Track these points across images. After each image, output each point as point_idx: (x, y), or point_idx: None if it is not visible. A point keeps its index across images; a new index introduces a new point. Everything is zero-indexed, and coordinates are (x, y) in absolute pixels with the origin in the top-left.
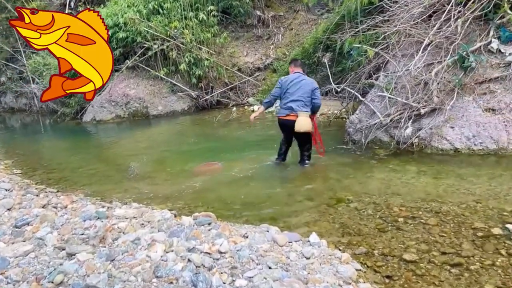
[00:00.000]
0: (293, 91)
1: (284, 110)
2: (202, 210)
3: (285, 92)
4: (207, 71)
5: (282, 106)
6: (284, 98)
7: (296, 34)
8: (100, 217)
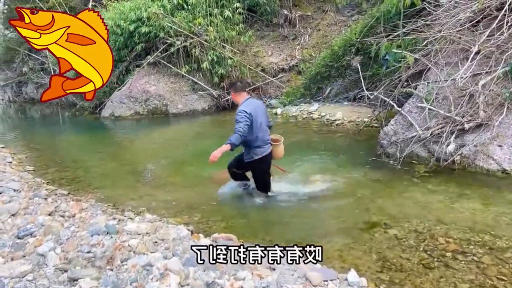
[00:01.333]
0: (262, 120)
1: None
2: (221, 226)
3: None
4: (230, 70)
5: (260, 141)
6: (260, 131)
7: (324, 35)
8: (110, 232)
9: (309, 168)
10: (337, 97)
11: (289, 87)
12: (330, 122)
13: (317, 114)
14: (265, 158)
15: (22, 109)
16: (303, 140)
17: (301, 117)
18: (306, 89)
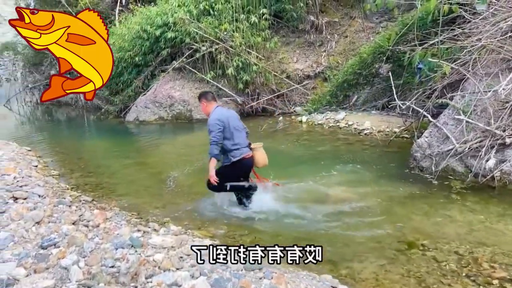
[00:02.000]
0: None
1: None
2: (248, 241)
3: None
4: (255, 77)
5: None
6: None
7: (351, 42)
8: (134, 245)
9: (337, 180)
10: (364, 106)
11: (314, 95)
12: (358, 131)
13: (344, 122)
14: (243, 162)
15: (49, 111)
16: (330, 150)
17: (327, 126)
18: (332, 96)
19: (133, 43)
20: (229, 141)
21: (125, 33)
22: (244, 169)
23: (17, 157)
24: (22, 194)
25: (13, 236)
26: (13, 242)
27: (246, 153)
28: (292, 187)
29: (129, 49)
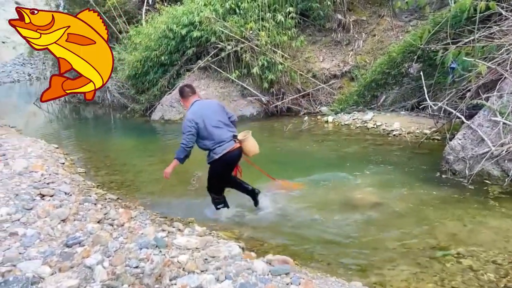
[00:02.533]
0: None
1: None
2: (274, 244)
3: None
4: (280, 76)
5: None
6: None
7: (380, 41)
8: (158, 246)
9: (365, 182)
10: (393, 106)
11: (341, 94)
12: (387, 132)
13: (372, 123)
14: (227, 156)
15: (77, 109)
16: (358, 152)
17: (354, 126)
18: (360, 96)
19: (159, 42)
20: (208, 141)
21: (152, 32)
22: (230, 162)
23: (45, 154)
24: (49, 192)
25: (39, 234)
26: (39, 240)
27: (230, 147)
28: (318, 189)
29: (155, 48)
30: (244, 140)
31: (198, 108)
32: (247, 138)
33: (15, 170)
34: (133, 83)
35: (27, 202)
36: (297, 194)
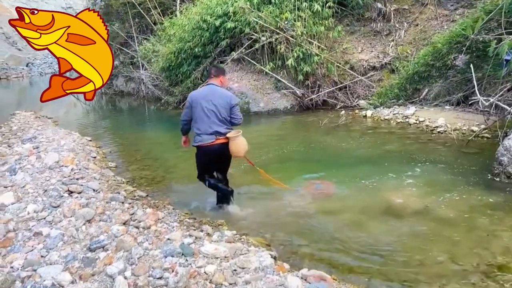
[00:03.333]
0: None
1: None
2: (308, 252)
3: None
4: (316, 68)
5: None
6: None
7: (422, 31)
8: (185, 254)
9: (409, 184)
10: (436, 100)
11: (380, 87)
12: (431, 129)
13: (415, 118)
14: (202, 149)
15: (112, 101)
16: (399, 150)
17: (394, 122)
18: (401, 89)
19: (193, 34)
20: (195, 125)
21: (186, 23)
22: (206, 157)
23: (76, 147)
24: (77, 188)
25: (63, 235)
26: (62, 242)
27: (207, 141)
28: (356, 191)
29: (189, 40)
30: (232, 139)
31: (204, 91)
32: (235, 138)
33: (46, 164)
34: (167, 75)
35: (55, 199)
36: (333, 197)
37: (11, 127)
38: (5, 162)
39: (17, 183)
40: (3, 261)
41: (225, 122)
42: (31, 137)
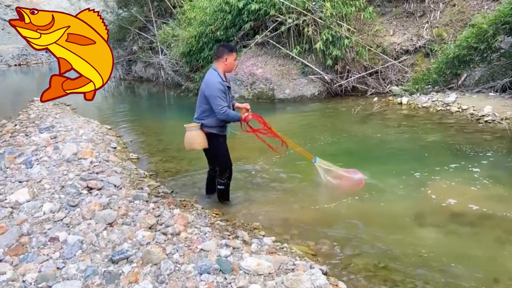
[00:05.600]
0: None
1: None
2: (361, 265)
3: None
4: (345, 52)
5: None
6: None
7: (460, 12)
8: (222, 270)
9: (456, 182)
10: (477, 86)
11: (416, 72)
12: (476, 118)
13: (457, 106)
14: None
15: (131, 86)
16: (442, 141)
17: (434, 109)
18: (439, 75)
19: (214, 17)
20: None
21: (207, 6)
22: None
23: (96, 137)
24: (96, 184)
25: (81, 243)
26: (81, 251)
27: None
28: (396, 188)
29: (211, 23)
30: (186, 130)
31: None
32: (187, 130)
33: (63, 156)
34: (187, 60)
35: (73, 197)
36: (372, 193)
37: (29, 114)
38: (22, 153)
39: (33, 177)
40: (15, 273)
41: (199, 110)
42: (49, 125)
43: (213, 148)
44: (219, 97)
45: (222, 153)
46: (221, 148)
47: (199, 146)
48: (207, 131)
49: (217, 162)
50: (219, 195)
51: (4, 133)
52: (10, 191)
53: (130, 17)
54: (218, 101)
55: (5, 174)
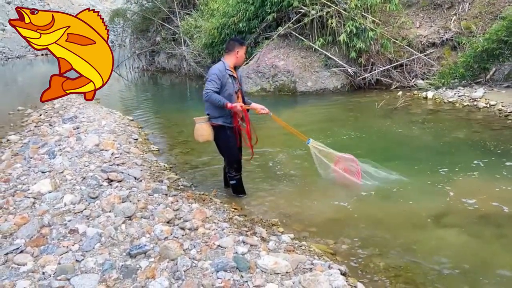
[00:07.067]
0: None
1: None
2: (381, 266)
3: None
4: (370, 44)
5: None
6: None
7: (490, 4)
8: (239, 268)
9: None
10: (507, 81)
11: (443, 66)
12: (505, 114)
13: (484, 102)
14: None
15: (154, 77)
16: (469, 137)
17: (460, 105)
18: (467, 69)
19: (237, 8)
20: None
21: None
22: None
23: (118, 128)
24: (117, 176)
25: (100, 236)
26: (99, 244)
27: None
28: (421, 187)
29: (233, 14)
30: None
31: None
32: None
33: (85, 147)
34: (210, 51)
35: (93, 189)
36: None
37: (54, 104)
38: (45, 143)
39: (56, 168)
40: (35, 264)
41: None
42: (72, 116)
43: (220, 140)
44: (210, 81)
45: (229, 146)
46: (228, 140)
47: (202, 138)
48: (215, 124)
49: (225, 154)
50: (233, 190)
51: (30, 122)
52: (33, 181)
53: (153, 8)
54: (208, 85)
55: (29, 164)
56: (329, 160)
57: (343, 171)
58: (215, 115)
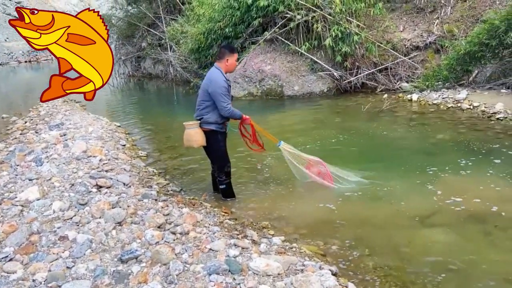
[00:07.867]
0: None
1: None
2: (371, 266)
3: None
4: (355, 48)
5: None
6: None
7: (471, 7)
8: (231, 271)
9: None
10: (489, 83)
11: (427, 69)
12: (488, 115)
13: (467, 103)
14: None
15: (140, 83)
16: (454, 139)
17: (444, 106)
18: (450, 71)
19: (223, 13)
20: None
21: (216, 2)
22: None
23: (105, 134)
24: (106, 182)
25: (90, 242)
26: (90, 250)
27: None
28: (408, 189)
29: (219, 19)
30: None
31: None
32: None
33: (73, 154)
34: (196, 57)
35: (82, 196)
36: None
37: (40, 111)
38: (32, 151)
39: (43, 175)
40: (25, 272)
41: (202, 107)
42: (58, 123)
43: (211, 145)
44: (224, 95)
45: (220, 150)
46: (219, 145)
47: (196, 144)
48: (206, 128)
49: (215, 159)
50: (223, 194)
51: (15, 130)
52: (20, 189)
53: (139, 13)
54: (223, 98)
55: (16, 172)
56: (300, 163)
57: (316, 174)
58: (212, 121)
